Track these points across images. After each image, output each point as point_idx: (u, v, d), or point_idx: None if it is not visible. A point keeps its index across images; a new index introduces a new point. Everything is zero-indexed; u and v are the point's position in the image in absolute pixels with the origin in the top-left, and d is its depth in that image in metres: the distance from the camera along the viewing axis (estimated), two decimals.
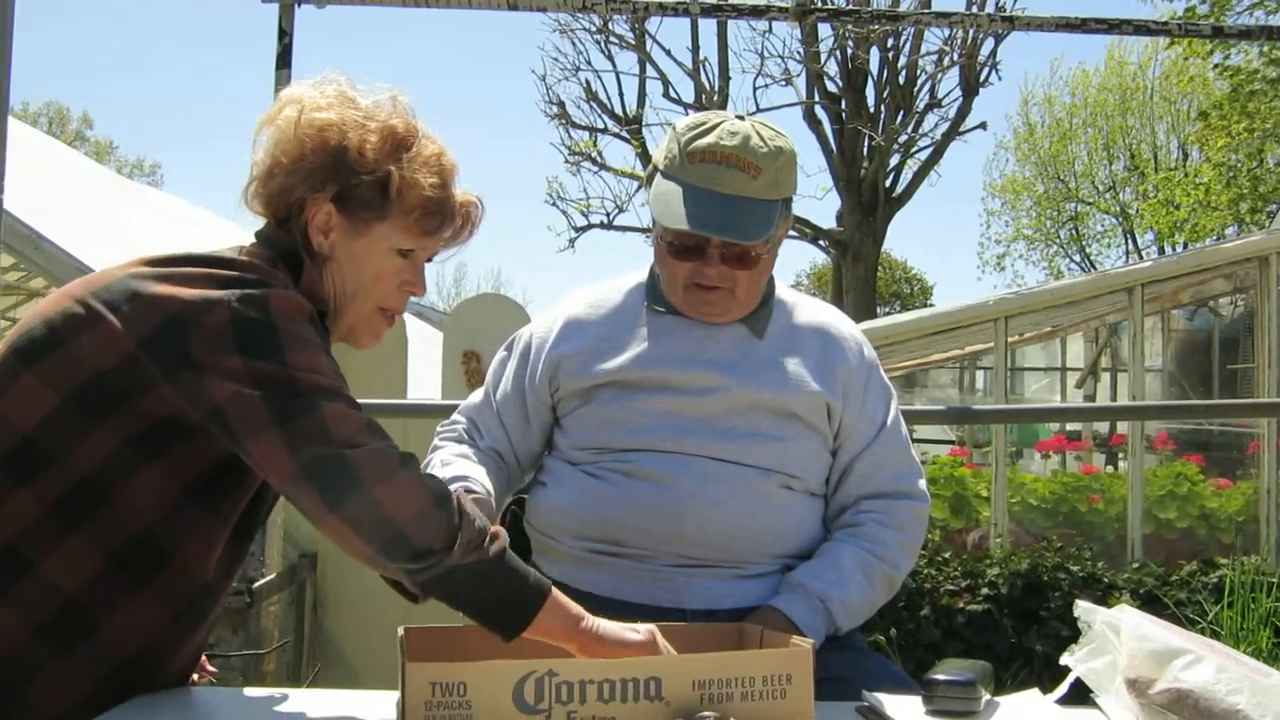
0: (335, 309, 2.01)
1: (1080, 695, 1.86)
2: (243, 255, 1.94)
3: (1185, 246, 22.92)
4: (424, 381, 6.84)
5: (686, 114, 17.86)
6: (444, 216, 2.01)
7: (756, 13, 5.24)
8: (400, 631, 1.83)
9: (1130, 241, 30.47)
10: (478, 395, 2.57)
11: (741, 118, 2.34)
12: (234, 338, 1.77)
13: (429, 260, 2.08)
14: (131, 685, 1.86)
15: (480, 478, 2.30)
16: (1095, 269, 29.14)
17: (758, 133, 2.29)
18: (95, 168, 16.45)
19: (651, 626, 1.83)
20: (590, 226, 19.11)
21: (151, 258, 1.90)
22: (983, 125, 18.68)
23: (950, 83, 18.21)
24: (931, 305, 31.81)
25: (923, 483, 2.45)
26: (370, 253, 1.98)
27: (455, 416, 2.57)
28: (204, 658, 2.11)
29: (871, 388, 2.44)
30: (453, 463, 2.36)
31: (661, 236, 2.35)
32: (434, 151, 1.99)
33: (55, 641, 1.81)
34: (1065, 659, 1.89)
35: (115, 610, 1.83)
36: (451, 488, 2.21)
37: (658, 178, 2.35)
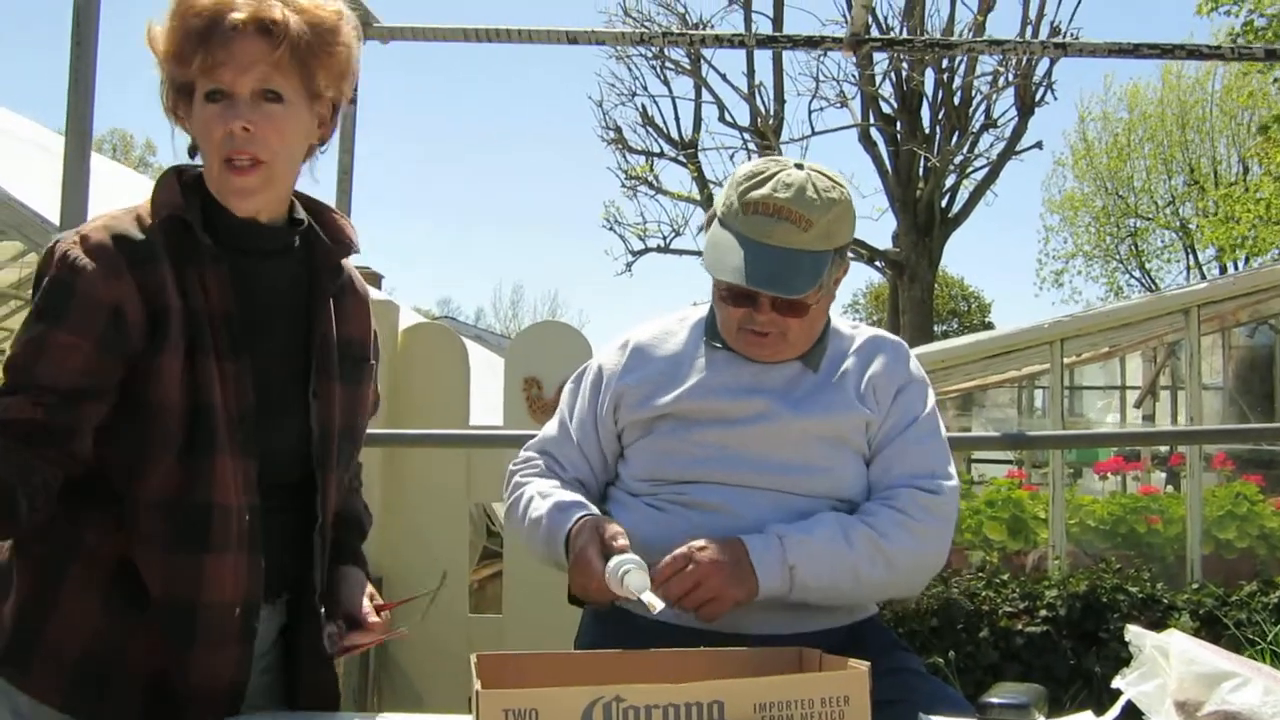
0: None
1: (1132, 718, 1.89)
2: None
3: (1246, 261, 22.68)
4: (485, 406, 6.92)
5: (742, 138, 17.94)
6: (190, 41, 1.92)
7: (811, 44, 5.31)
8: (472, 659, 1.87)
9: (1191, 257, 30.16)
10: (551, 430, 2.61)
11: (800, 166, 2.37)
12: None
13: (273, 90, 1.96)
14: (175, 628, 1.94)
15: (589, 502, 2.39)
16: (1155, 285, 28.87)
17: (813, 184, 2.32)
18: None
19: None
20: (647, 250, 19.20)
21: None
22: (1038, 145, 18.61)
23: (1005, 103, 18.16)
24: (989, 322, 31.66)
25: (943, 483, 2.39)
26: (194, 116, 1.97)
27: (528, 454, 2.60)
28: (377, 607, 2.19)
29: (903, 394, 2.45)
30: (552, 493, 2.42)
31: (716, 282, 2.40)
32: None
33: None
34: (1117, 682, 1.90)
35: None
36: (576, 515, 2.32)
37: (714, 225, 2.39)
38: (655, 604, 2.03)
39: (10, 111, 12.32)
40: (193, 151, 2.04)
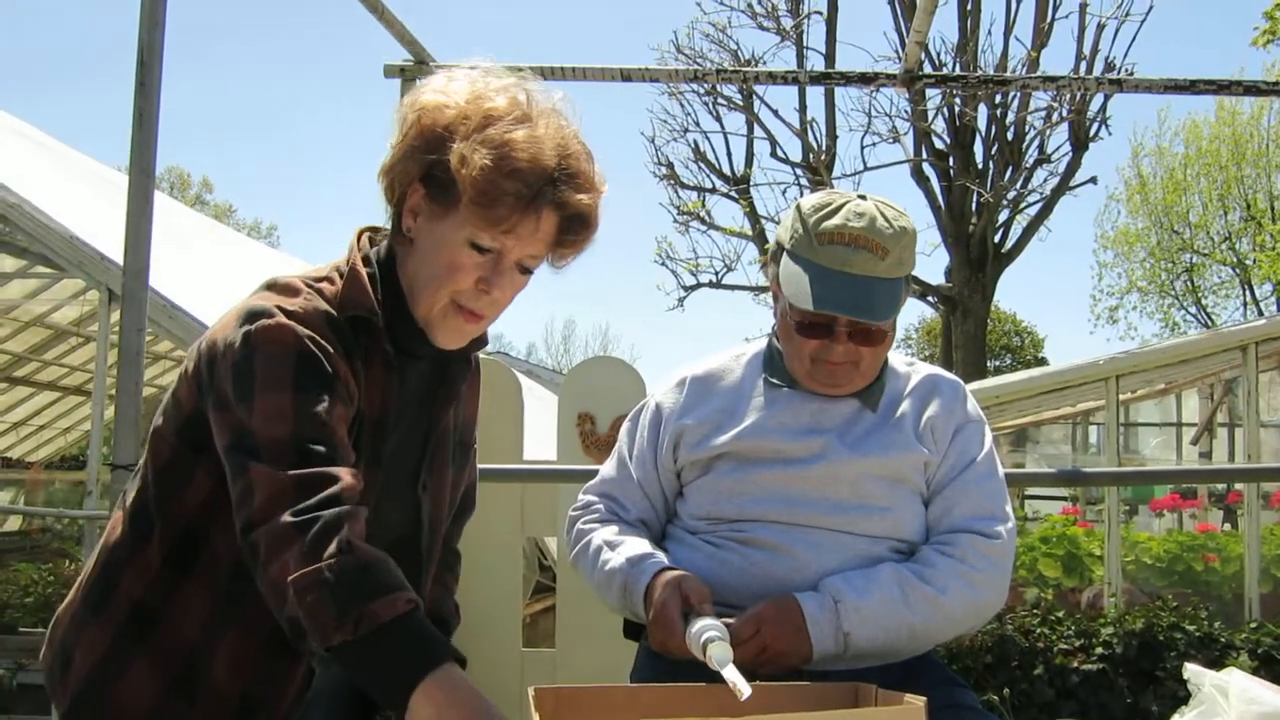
0: (411, 296, 1.94)
1: None
2: (319, 270, 1.96)
3: None
4: (537, 441, 6.94)
5: (794, 173, 17.95)
6: (504, 205, 1.83)
7: (865, 80, 5.33)
8: (530, 692, 1.89)
9: (1248, 293, 29.88)
10: (609, 470, 2.62)
11: (864, 198, 2.39)
12: (231, 379, 1.79)
13: (529, 266, 1.94)
14: None
15: (659, 553, 2.39)
16: (1212, 321, 28.59)
17: (882, 214, 2.34)
18: (218, 227, 16.89)
19: None
20: (699, 285, 19.20)
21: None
22: (1093, 180, 18.49)
23: (1059, 138, 18.08)
24: (1043, 358, 31.41)
25: (1001, 527, 2.38)
26: (447, 240, 1.88)
27: (588, 499, 2.61)
28: None
29: (961, 434, 2.45)
30: (622, 542, 2.43)
31: (788, 314, 2.40)
32: (506, 133, 1.84)
33: (186, 691, 1.89)
34: None
35: (220, 651, 1.89)
36: (652, 568, 2.30)
37: (784, 258, 2.40)
38: (743, 688, 1.92)
39: (72, 149, 12.53)
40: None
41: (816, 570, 2.32)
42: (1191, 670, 1.94)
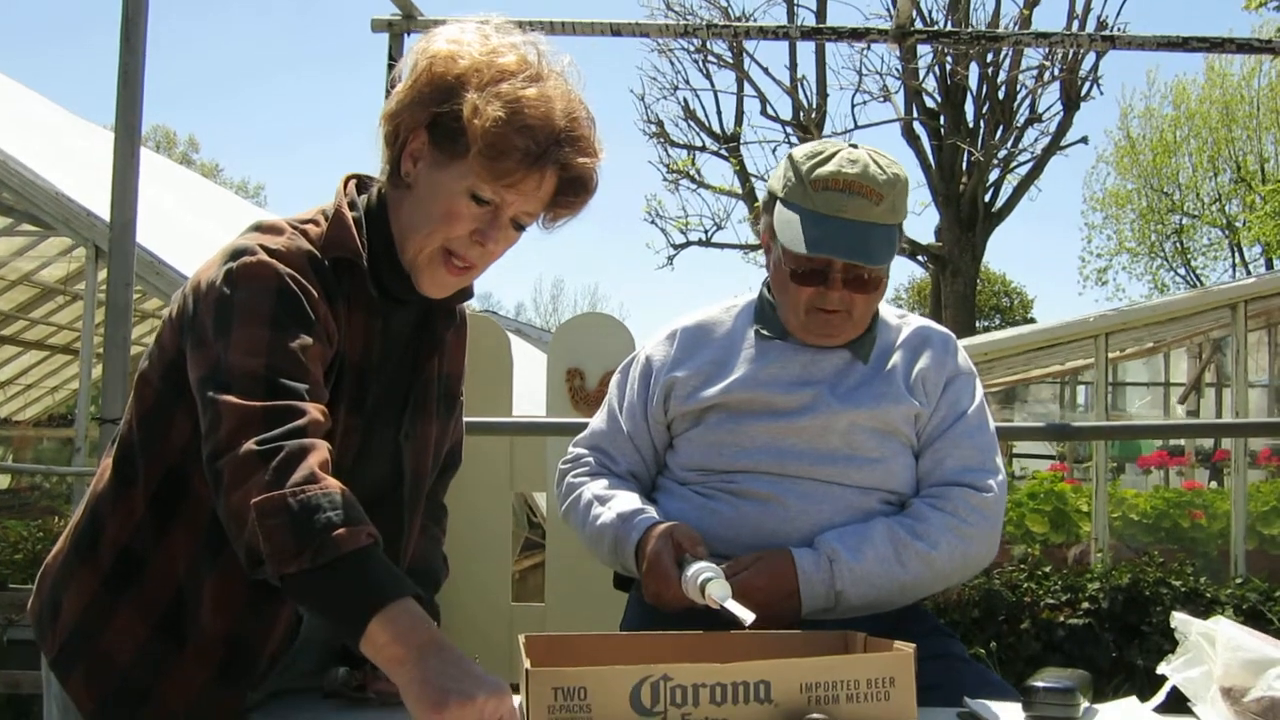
0: (402, 241, 1.95)
1: (1177, 704, 1.88)
2: (305, 214, 1.96)
3: None
4: (526, 399, 6.93)
5: (785, 131, 17.93)
6: (512, 159, 1.84)
7: (856, 35, 5.32)
8: (521, 639, 1.90)
9: (1237, 254, 29.90)
10: (599, 423, 2.62)
11: (856, 146, 2.39)
12: (211, 315, 1.80)
13: (522, 223, 1.95)
14: (235, 673, 1.91)
15: (649, 507, 2.39)
16: (1200, 282, 28.63)
17: (875, 161, 2.35)
18: (206, 185, 16.82)
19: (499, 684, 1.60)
20: (689, 244, 19.17)
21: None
22: (1084, 140, 18.50)
23: (1050, 97, 18.04)
24: (1032, 318, 31.48)
25: (992, 479, 2.39)
26: (447, 188, 1.89)
27: (578, 451, 2.61)
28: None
29: (952, 386, 2.46)
30: (612, 497, 2.44)
31: (781, 263, 2.40)
32: (519, 90, 1.85)
33: (174, 635, 1.89)
34: (1162, 668, 1.90)
35: (205, 594, 1.89)
36: (644, 521, 2.31)
37: (778, 206, 2.39)
38: (745, 615, 1.97)
39: (59, 108, 12.46)
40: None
41: (807, 521, 2.33)
42: (1179, 619, 1.94)
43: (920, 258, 19.67)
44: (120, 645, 1.91)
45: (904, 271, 32.87)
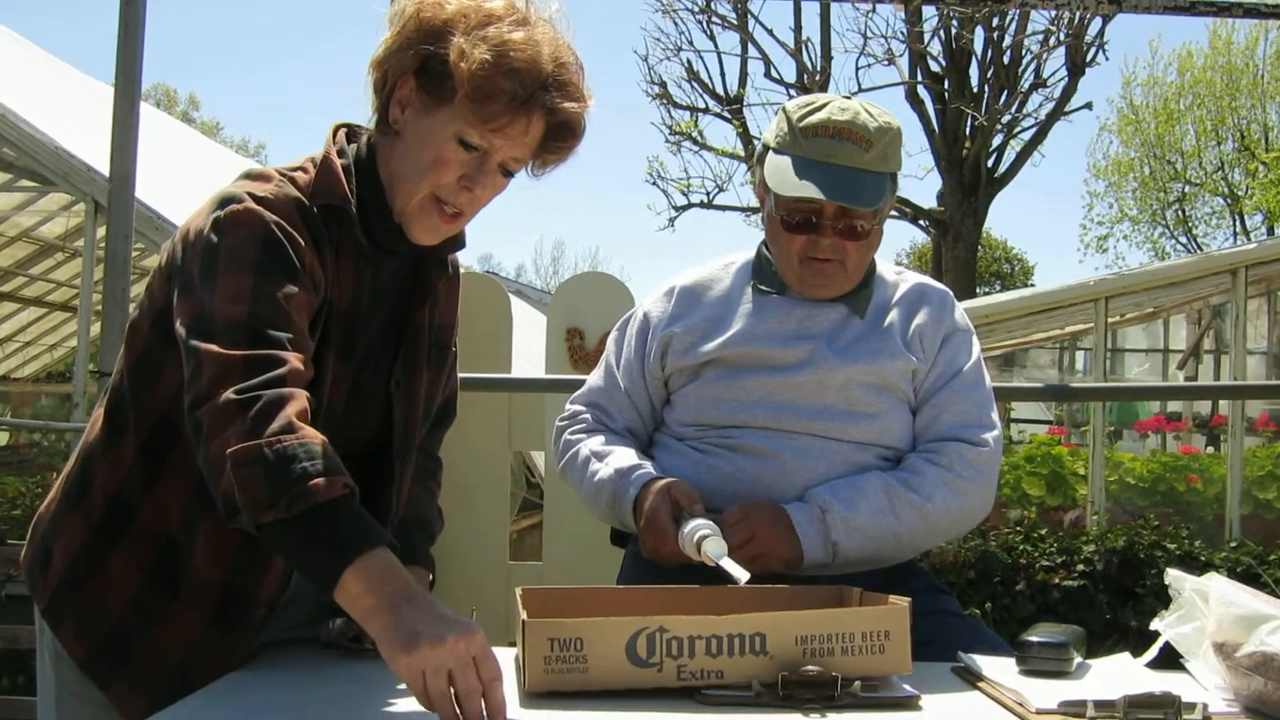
0: (391, 188, 1.94)
1: (1169, 659, 1.88)
2: (295, 162, 1.96)
3: None
4: (526, 360, 6.91)
5: (788, 94, 17.89)
6: (498, 103, 1.83)
7: None
8: (518, 592, 1.91)
9: (1238, 223, 29.85)
10: (597, 379, 2.62)
11: (848, 97, 2.41)
12: (198, 262, 1.79)
13: (511, 169, 1.94)
14: (231, 621, 1.93)
15: (647, 462, 2.40)
16: (1201, 251, 28.62)
17: (866, 110, 2.36)
18: (206, 142, 16.77)
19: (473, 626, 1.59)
20: (690, 206, 19.09)
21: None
22: (1088, 105, 18.42)
23: (1056, 62, 17.95)
24: (1032, 285, 31.44)
25: (988, 435, 2.40)
26: (435, 134, 1.88)
27: (575, 408, 2.61)
28: None
29: (949, 343, 2.47)
30: (610, 453, 2.44)
31: (774, 213, 2.41)
32: (506, 33, 1.84)
33: (167, 582, 1.90)
34: (1155, 624, 1.91)
35: (198, 542, 1.89)
36: (642, 477, 2.32)
37: (770, 155, 2.41)
38: (740, 573, 1.98)
39: (61, 62, 12.40)
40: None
41: (804, 476, 2.34)
42: (1173, 575, 1.95)
43: (922, 222, 19.63)
44: (112, 593, 1.92)
45: (905, 236, 32.90)
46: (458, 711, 1.51)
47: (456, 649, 1.51)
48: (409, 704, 1.60)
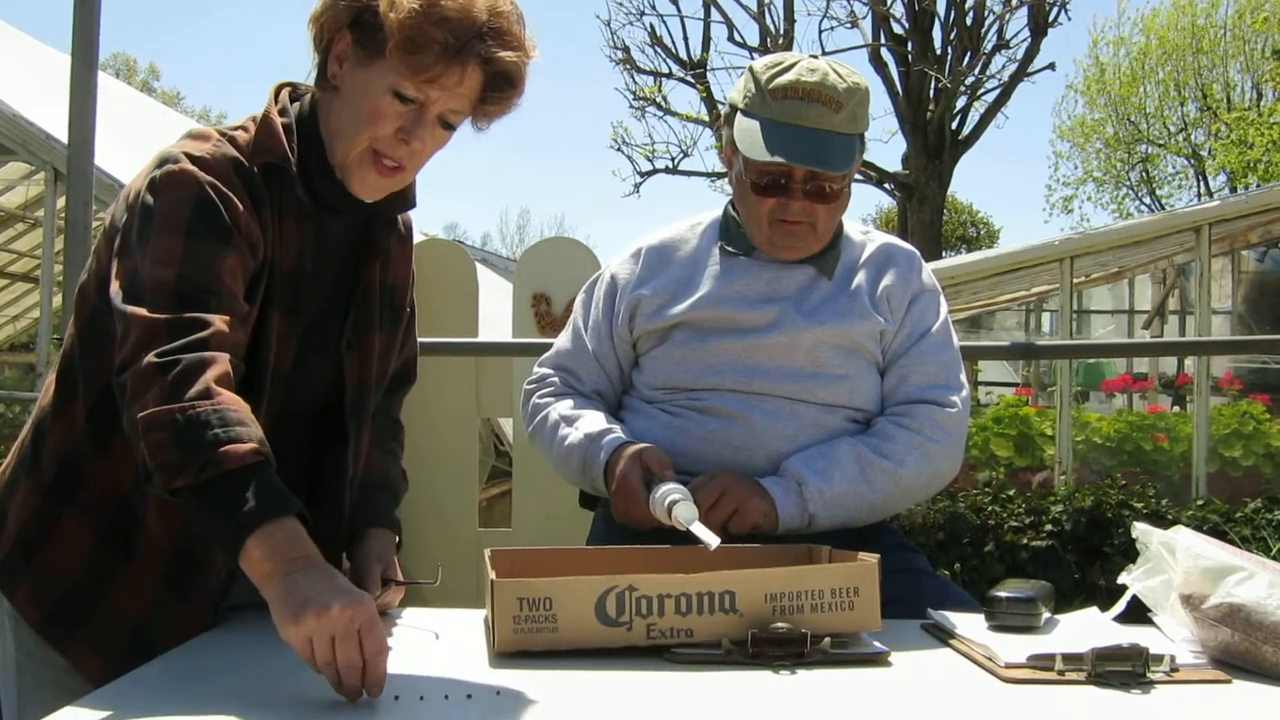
0: (331, 144, 1.92)
1: (1137, 613, 1.90)
2: (236, 122, 1.95)
3: (1258, 187, 22.56)
4: (492, 328, 6.88)
5: (752, 57, 17.82)
6: (430, 53, 1.80)
7: None
8: (486, 553, 1.91)
9: (1202, 184, 29.97)
10: (564, 342, 2.60)
11: (815, 57, 2.39)
12: (134, 224, 1.79)
13: (451, 122, 1.91)
14: (187, 584, 1.92)
15: (617, 426, 2.39)
16: (1165, 211, 28.75)
17: (835, 70, 2.35)
18: (167, 111, 16.63)
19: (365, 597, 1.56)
20: (655, 171, 19.13)
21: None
22: (1051, 66, 18.47)
23: (1018, 23, 18.00)
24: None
25: (956, 396, 2.41)
26: (370, 87, 1.85)
27: (543, 371, 2.60)
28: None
29: (916, 304, 2.46)
30: (579, 416, 2.43)
31: (742, 175, 2.39)
32: None
33: (120, 546, 1.90)
34: (1123, 578, 1.92)
35: (150, 504, 1.88)
36: (612, 441, 2.31)
37: (738, 117, 2.39)
38: (711, 539, 1.98)
39: (18, 30, 12.27)
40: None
41: (773, 438, 2.33)
42: (1140, 529, 1.95)
43: (887, 185, 19.68)
44: (65, 557, 1.91)
45: (871, 200, 32.96)
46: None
47: (342, 617, 1.48)
48: None
